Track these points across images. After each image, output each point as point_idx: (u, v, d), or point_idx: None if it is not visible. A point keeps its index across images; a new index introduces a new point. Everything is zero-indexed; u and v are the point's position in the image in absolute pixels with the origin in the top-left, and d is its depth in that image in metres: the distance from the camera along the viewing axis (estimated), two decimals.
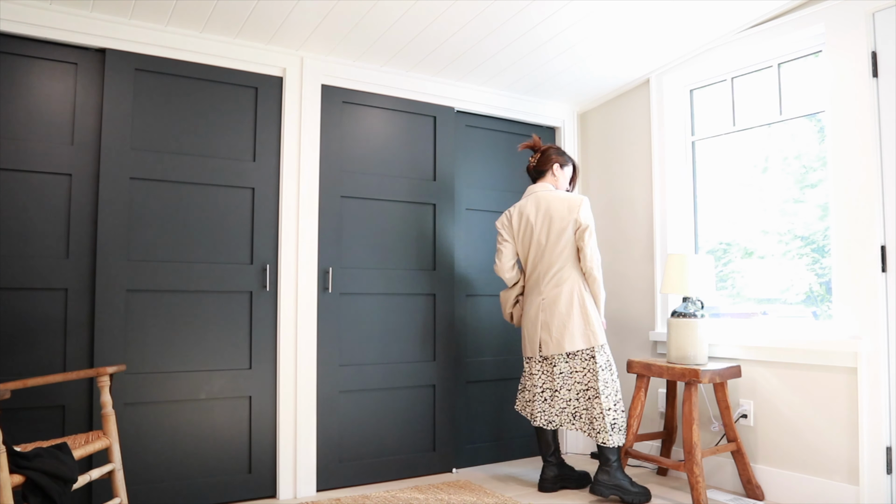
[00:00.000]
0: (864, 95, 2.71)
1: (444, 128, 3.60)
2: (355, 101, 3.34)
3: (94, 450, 2.24)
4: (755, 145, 3.28)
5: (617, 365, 3.79)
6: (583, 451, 3.95)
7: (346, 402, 3.24)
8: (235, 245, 3.01)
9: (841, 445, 2.75)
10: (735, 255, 3.36)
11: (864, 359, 2.66)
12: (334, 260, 3.23)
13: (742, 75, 3.32)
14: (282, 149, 3.11)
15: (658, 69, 3.57)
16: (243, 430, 2.98)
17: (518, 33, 3.04)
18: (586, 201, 3.06)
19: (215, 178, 2.98)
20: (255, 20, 2.83)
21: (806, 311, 3.06)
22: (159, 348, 2.83)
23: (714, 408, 3.25)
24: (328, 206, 3.23)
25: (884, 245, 2.66)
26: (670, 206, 3.55)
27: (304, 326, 3.10)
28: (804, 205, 3.08)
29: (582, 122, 4.12)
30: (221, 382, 2.94)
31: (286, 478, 3.03)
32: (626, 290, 3.77)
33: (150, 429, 2.80)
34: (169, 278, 2.85)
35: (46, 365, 2.63)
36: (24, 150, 2.62)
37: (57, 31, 2.66)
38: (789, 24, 2.99)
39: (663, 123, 3.58)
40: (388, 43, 3.10)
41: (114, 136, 2.78)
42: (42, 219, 2.65)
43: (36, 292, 2.63)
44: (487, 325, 3.72)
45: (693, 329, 3.01)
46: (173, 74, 2.92)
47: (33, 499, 1.92)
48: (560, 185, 3.21)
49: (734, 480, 3.13)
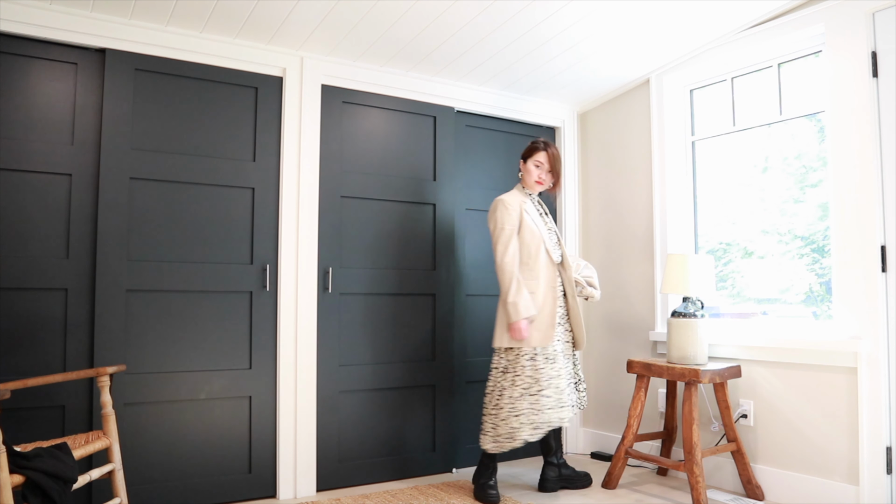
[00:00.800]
0: (864, 95, 2.71)
1: (444, 128, 3.60)
2: (355, 101, 3.34)
3: (94, 450, 2.24)
4: (755, 145, 3.28)
5: (617, 365, 3.80)
6: (583, 451, 3.95)
7: (346, 402, 3.24)
8: (235, 245, 3.01)
9: (841, 445, 2.75)
10: (735, 255, 3.36)
11: (864, 359, 2.66)
12: (334, 260, 3.23)
13: (742, 75, 3.32)
14: (282, 149, 3.11)
15: (658, 69, 3.57)
16: (243, 430, 2.98)
17: (518, 33, 3.04)
18: (496, 202, 3.06)
19: (215, 178, 2.98)
20: (255, 20, 2.83)
21: (806, 311, 3.06)
22: (159, 348, 2.83)
23: (714, 408, 3.25)
24: (328, 206, 3.23)
25: (884, 245, 2.66)
26: (670, 206, 3.55)
27: (304, 326, 3.10)
28: (804, 205, 3.08)
29: (582, 122, 4.12)
30: (221, 382, 2.94)
31: (286, 478, 3.03)
32: (626, 290, 3.77)
33: (150, 429, 2.80)
34: (169, 278, 2.85)
35: (46, 365, 2.63)
36: (24, 150, 2.62)
37: (57, 31, 2.66)
38: (789, 24, 2.99)
39: (663, 123, 3.58)
40: (388, 43, 3.10)
41: (114, 136, 2.78)
42: (42, 219, 2.65)
43: (36, 292, 2.63)
44: (487, 325, 3.71)
45: (693, 329, 3.01)
46: (173, 74, 2.92)
47: (33, 499, 1.91)
48: (526, 181, 3.16)
49: (734, 480, 3.13)
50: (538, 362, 2.94)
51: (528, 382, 2.93)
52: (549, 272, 3.03)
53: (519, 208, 3.05)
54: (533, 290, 2.99)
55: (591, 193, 4.03)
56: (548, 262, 3.04)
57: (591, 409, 3.96)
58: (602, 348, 3.90)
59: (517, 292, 2.93)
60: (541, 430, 2.90)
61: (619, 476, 3.17)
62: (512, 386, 2.95)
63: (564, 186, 3.99)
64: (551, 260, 3.05)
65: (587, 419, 3.97)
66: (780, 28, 3.03)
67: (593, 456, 3.82)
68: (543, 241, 3.04)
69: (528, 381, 2.93)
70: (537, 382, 2.92)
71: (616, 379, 3.80)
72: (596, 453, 3.81)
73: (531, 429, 2.89)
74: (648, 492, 3.13)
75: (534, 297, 2.98)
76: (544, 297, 3.00)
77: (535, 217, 3.09)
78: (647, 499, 3.02)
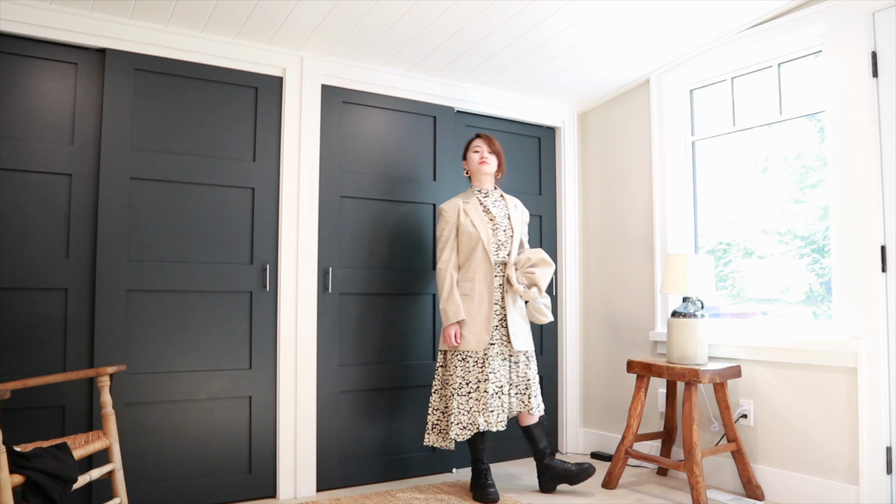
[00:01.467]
0: (864, 95, 2.71)
1: (444, 128, 3.60)
2: (355, 101, 3.34)
3: (94, 450, 2.24)
4: (755, 145, 3.28)
5: (617, 365, 3.80)
6: (583, 451, 3.95)
7: (346, 402, 3.24)
8: (235, 245, 3.01)
9: (841, 445, 2.75)
10: (735, 255, 3.36)
11: (864, 359, 2.66)
12: (334, 260, 3.23)
13: (742, 75, 3.32)
14: (282, 149, 3.11)
15: (658, 69, 3.57)
16: (243, 430, 2.98)
17: (518, 33, 3.04)
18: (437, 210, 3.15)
19: (215, 178, 2.98)
20: (255, 20, 2.83)
21: (806, 311, 3.06)
22: (159, 348, 2.83)
23: (714, 408, 3.25)
24: (328, 206, 3.23)
25: (884, 245, 2.66)
26: (670, 206, 3.55)
27: (304, 326, 3.10)
28: (804, 205, 3.08)
29: (582, 122, 4.11)
30: (221, 382, 2.94)
31: (286, 478, 3.03)
32: (626, 290, 3.77)
33: (150, 429, 2.80)
34: (169, 278, 2.85)
35: (46, 365, 2.63)
36: (24, 150, 2.62)
37: (57, 31, 2.66)
38: (789, 24, 2.99)
39: (663, 123, 3.58)
40: (388, 43, 3.10)
41: (114, 136, 2.78)
42: (42, 219, 2.65)
43: (36, 292, 2.63)
44: None
45: (693, 329, 3.01)
46: (173, 74, 2.92)
47: (33, 499, 1.92)
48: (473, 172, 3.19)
49: (734, 480, 3.13)
50: (468, 364, 2.97)
51: (458, 383, 2.95)
52: (486, 273, 3.02)
53: (456, 212, 3.08)
54: (467, 293, 3.02)
55: (591, 193, 4.03)
56: (485, 262, 3.02)
57: (591, 409, 3.96)
58: (602, 348, 3.90)
59: (447, 298, 3.00)
60: (469, 430, 2.92)
61: (619, 476, 3.17)
62: (445, 386, 3.01)
63: (564, 186, 3.99)
64: (489, 260, 3.02)
65: (587, 419, 3.97)
66: (780, 28, 3.03)
67: (593, 456, 3.82)
68: (482, 240, 3.02)
69: (458, 382, 2.95)
70: (467, 384, 2.95)
71: (616, 379, 3.80)
72: (596, 453, 3.81)
73: (459, 428, 2.91)
74: (648, 492, 3.13)
75: (468, 300, 3.00)
76: (480, 299, 3.00)
77: (478, 216, 3.05)
78: (647, 499, 3.02)
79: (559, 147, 4.04)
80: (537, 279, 3.04)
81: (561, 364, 3.95)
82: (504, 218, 3.13)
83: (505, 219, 3.13)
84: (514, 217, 3.14)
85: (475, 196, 3.13)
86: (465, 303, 3.00)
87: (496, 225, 3.08)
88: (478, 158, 3.14)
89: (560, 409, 3.95)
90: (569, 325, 3.95)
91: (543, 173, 3.99)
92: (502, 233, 3.08)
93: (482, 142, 3.17)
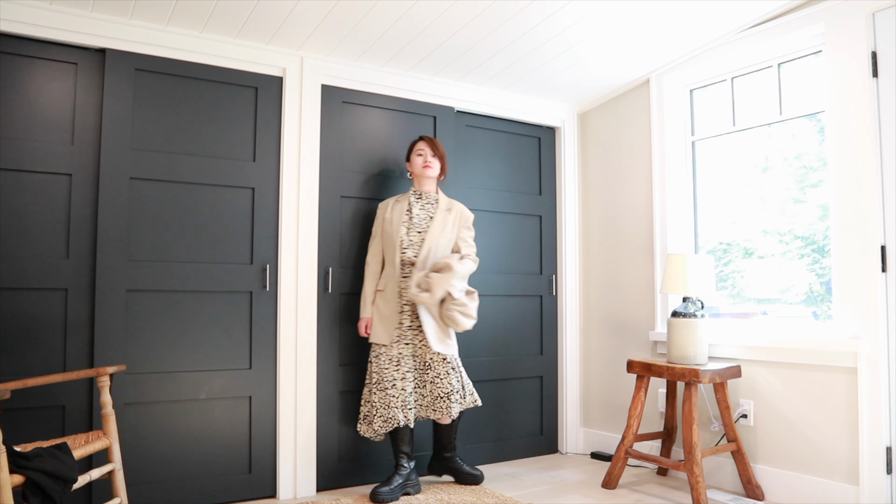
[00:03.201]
0: (864, 95, 2.71)
1: (444, 128, 3.60)
2: (355, 100, 3.34)
3: (94, 450, 2.24)
4: (755, 145, 3.28)
5: (617, 365, 3.80)
6: (583, 451, 3.95)
7: (346, 402, 3.24)
8: (235, 245, 3.01)
9: (841, 445, 2.75)
10: (735, 255, 3.36)
11: (864, 359, 2.66)
12: (334, 260, 3.23)
13: (742, 75, 3.32)
14: (282, 149, 3.11)
15: (658, 69, 3.57)
16: (243, 430, 2.98)
17: (518, 33, 3.04)
18: None
19: (215, 178, 2.98)
20: (255, 20, 2.83)
21: (806, 311, 3.06)
22: (159, 348, 2.83)
23: (714, 408, 3.25)
24: (328, 206, 3.23)
25: (884, 245, 2.66)
26: (670, 206, 3.55)
27: (304, 326, 3.10)
28: (804, 205, 3.08)
29: (582, 122, 4.11)
30: (221, 382, 2.94)
31: (286, 478, 3.03)
32: (626, 290, 3.77)
33: (150, 429, 2.80)
34: (169, 278, 2.85)
35: (46, 365, 2.63)
36: (24, 150, 2.62)
37: (57, 31, 2.66)
38: (789, 24, 2.99)
39: (663, 123, 3.58)
40: (387, 43, 3.10)
41: (114, 136, 2.78)
42: (42, 219, 2.65)
43: (36, 292, 2.63)
44: (487, 326, 3.71)
45: (693, 329, 3.01)
46: (173, 74, 2.92)
47: (33, 499, 1.92)
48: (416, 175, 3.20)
49: (734, 480, 3.13)
50: (382, 361, 3.05)
51: (376, 378, 3.04)
52: (395, 271, 3.08)
53: (384, 210, 3.17)
54: (382, 288, 3.13)
55: (591, 193, 4.03)
56: (397, 262, 3.07)
57: (591, 409, 3.96)
58: (602, 348, 3.90)
59: (362, 293, 3.19)
60: (389, 423, 2.97)
61: (619, 476, 3.17)
62: (369, 380, 3.09)
63: (564, 186, 3.99)
64: (401, 261, 3.08)
65: (587, 419, 3.97)
66: (780, 28, 3.03)
67: (593, 456, 3.82)
68: (393, 239, 3.08)
69: (375, 377, 3.05)
70: (381, 381, 3.02)
71: (616, 379, 3.80)
72: (596, 453, 3.81)
73: (381, 421, 2.99)
74: (648, 492, 3.13)
75: (382, 295, 3.11)
76: (390, 295, 3.10)
77: (398, 216, 3.10)
78: (647, 499, 3.02)
79: (559, 147, 4.04)
80: (431, 283, 2.96)
81: (561, 364, 3.95)
82: (424, 219, 3.13)
83: (425, 220, 3.13)
84: (437, 219, 3.12)
85: (409, 197, 3.16)
86: (380, 298, 3.13)
87: (412, 225, 3.10)
88: (421, 162, 3.16)
89: (560, 409, 3.95)
90: (569, 325, 3.95)
91: (543, 173, 3.99)
92: (416, 234, 3.09)
93: (425, 145, 3.19)
